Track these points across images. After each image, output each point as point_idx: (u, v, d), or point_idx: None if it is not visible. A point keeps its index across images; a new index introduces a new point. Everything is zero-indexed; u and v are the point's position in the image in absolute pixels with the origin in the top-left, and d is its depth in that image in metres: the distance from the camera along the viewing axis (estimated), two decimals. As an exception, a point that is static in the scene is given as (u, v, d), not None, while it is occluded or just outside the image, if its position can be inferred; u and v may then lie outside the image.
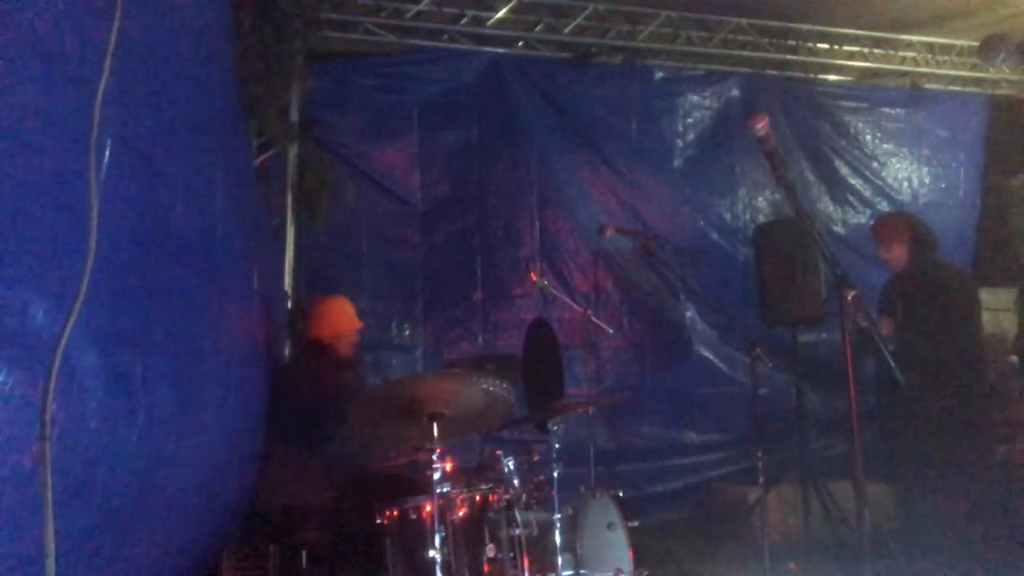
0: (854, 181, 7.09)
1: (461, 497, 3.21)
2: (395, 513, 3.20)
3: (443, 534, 2.96)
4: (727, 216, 6.80)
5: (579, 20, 6.19)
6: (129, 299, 2.00)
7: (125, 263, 1.96)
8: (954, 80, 7.27)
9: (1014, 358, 5.64)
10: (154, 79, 2.20)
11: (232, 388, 3.23)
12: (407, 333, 6.04)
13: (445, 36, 6.15)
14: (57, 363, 1.49)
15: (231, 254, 3.25)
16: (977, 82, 7.37)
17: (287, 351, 5.55)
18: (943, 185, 7.29)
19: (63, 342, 1.51)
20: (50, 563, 1.46)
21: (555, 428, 3.55)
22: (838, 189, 7.06)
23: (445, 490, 3.09)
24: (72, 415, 1.65)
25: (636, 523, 3.71)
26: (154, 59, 2.19)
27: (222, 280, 3.07)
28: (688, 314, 6.60)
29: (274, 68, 4.68)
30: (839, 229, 6.96)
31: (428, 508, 3.03)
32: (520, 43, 6.36)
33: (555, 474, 3.42)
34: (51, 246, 1.58)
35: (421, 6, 5.89)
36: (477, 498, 3.25)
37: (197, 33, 2.74)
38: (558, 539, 3.34)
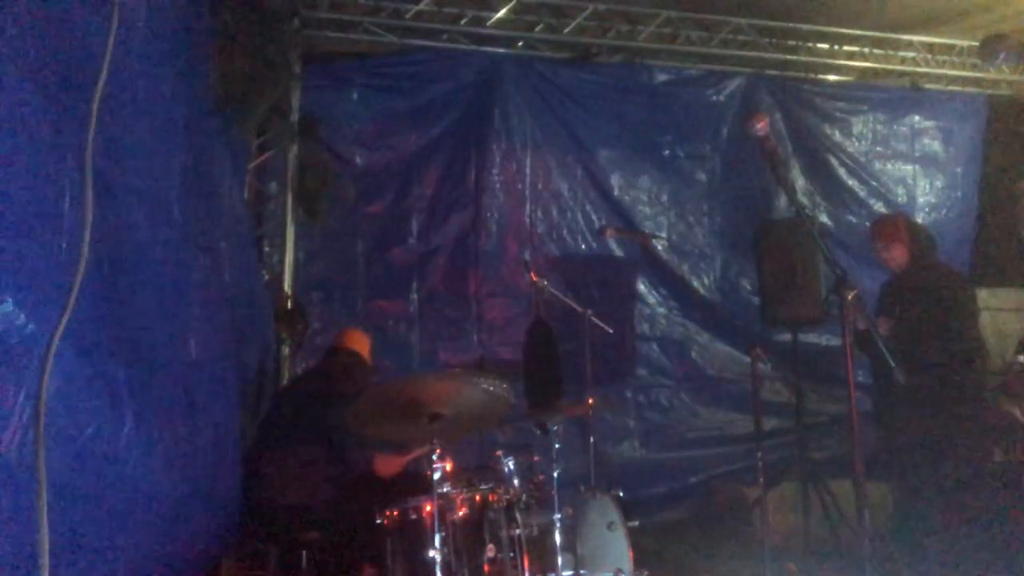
0: (851, 182, 7.08)
1: (461, 497, 3.21)
2: (395, 513, 3.20)
3: (443, 534, 2.96)
4: (726, 216, 6.79)
5: (579, 20, 6.18)
6: (109, 309, 2.01)
7: (102, 274, 1.96)
8: (954, 80, 7.26)
9: (1022, 358, 5.64)
10: (115, 91, 2.17)
11: (217, 392, 3.25)
12: (403, 333, 6.04)
13: (445, 36, 6.14)
14: (48, 369, 1.49)
15: (200, 260, 3.24)
16: (977, 82, 7.36)
17: (284, 352, 5.55)
18: (942, 185, 7.29)
19: (53, 348, 1.51)
20: (44, 566, 1.45)
21: (555, 428, 3.55)
22: (834, 189, 7.05)
23: (445, 490, 3.09)
24: (60, 422, 1.65)
25: (636, 523, 3.71)
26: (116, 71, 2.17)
27: (190, 287, 3.05)
28: (682, 315, 6.60)
29: (263, 68, 4.66)
30: (835, 230, 6.95)
31: (428, 508, 3.03)
32: (520, 43, 6.35)
33: (555, 474, 3.42)
34: (34, 258, 1.58)
35: (421, 6, 5.89)
36: (477, 498, 3.25)
37: (157, 37, 2.71)
38: (558, 539, 3.34)
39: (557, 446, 3.49)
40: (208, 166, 3.70)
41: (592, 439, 4.53)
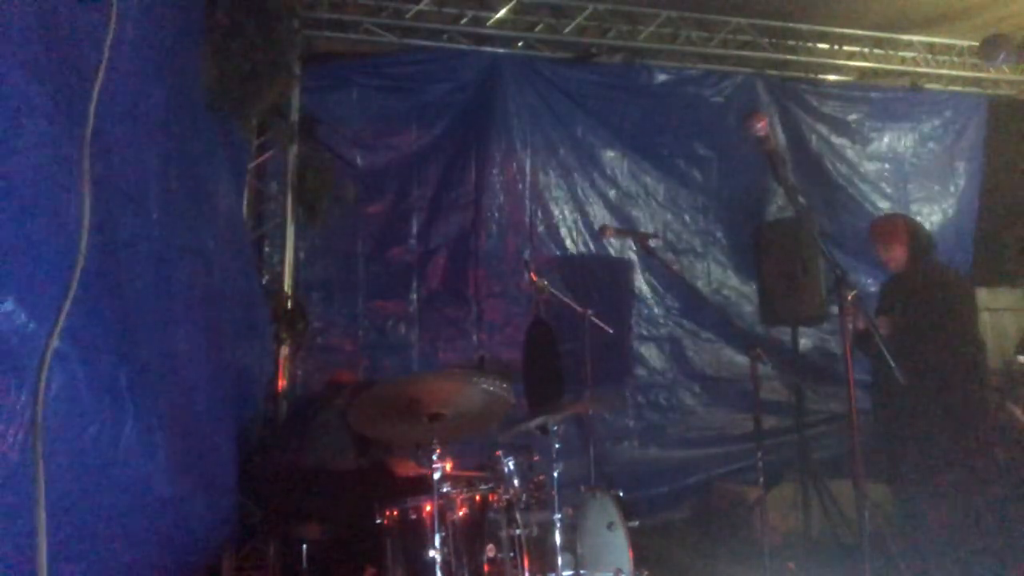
0: (850, 182, 7.08)
1: (461, 497, 3.21)
2: (395, 513, 3.20)
3: (443, 534, 2.96)
4: (726, 216, 6.80)
5: (579, 20, 6.18)
6: (109, 308, 2.01)
7: (101, 273, 1.96)
8: (954, 80, 7.27)
9: (1022, 358, 5.65)
10: (105, 91, 2.16)
11: (210, 392, 3.25)
12: (403, 333, 6.04)
13: (445, 36, 6.14)
14: (45, 369, 1.49)
15: (184, 261, 3.23)
16: (977, 82, 7.37)
17: (284, 352, 5.55)
18: (942, 185, 7.29)
19: (50, 348, 1.51)
20: (42, 566, 1.45)
21: (555, 428, 3.55)
22: (833, 189, 7.05)
23: (445, 490, 3.09)
24: (62, 422, 1.65)
25: (636, 523, 3.71)
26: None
27: (174, 288, 3.05)
28: (681, 314, 6.61)
29: (261, 68, 4.66)
30: (833, 230, 6.94)
31: (428, 508, 3.03)
32: (520, 43, 6.35)
33: (555, 474, 3.42)
34: (36, 257, 1.58)
35: (421, 6, 5.89)
36: (477, 498, 3.26)
37: (144, 35, 2.69)
38: (558, 539, 3.34)
39: (557, 446, 3.49)
40: (195, 166, 3.69)
41: (592, 439, 4.53)
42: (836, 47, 6.84)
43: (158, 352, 2.62)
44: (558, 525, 3.35)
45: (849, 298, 2.71)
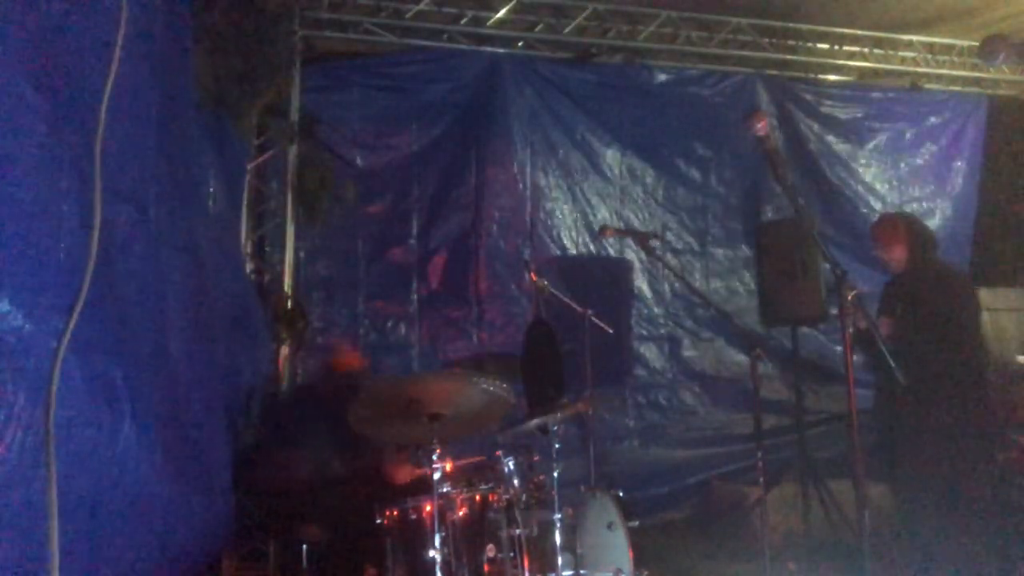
0: (849, 182, 7.08)
1: (461, 497, 3.21)
2: (395, 513, 3.20)
3: (443, 534, 2.96)
4: (725, 216, 6.80)
5: (579, 20, 6.18)
6: (105, 309, 2.00)
7: (97, 274, 1.95)
8: (954, 80, 7.27)
9: (1022, 358, 5.64)
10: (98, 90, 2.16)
11: (204, 392, 3.25)
12: (403, 333, 6.04)
13: (445, 36, 6.14)
14: (57, 372, 1.49)
15: (177, 261, 3.23)
16: (977, 82, 7.37)
17: (284, 352, 5.55)
18: (941, 185, 7.29)
19: (61, 351, 1.51)
20: (54, 567, 1.45)
21: (555, 428, 3.54)
22: (832, 190, 7.05)
23: (445, 490, 3.09)
24: (59, 423, 1.65)
25: (636, 523, 3.71)
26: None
27: (169, 288, 3.04)
28: (681, 314, 6.60)
29: (258, 68, 4.65)
30: (830, 230, 6.94)
31: (428, 508, 3.03)
32: (520, 43, 6.35)
33: (555, 474, 3.42)
34: (32, 258, 1.58)
35: (421, 6, 5.89)
36: (477, 498, 3.26)
37: (135, 35, 2.68)
38: (558, 539, 3.34)
39: (557, 446, 3.49)
40: (189, 166, 3.68)
41: (592, 439, 4.53)
42: (836, 47, 6.84)
43: (153, 352, 2.62)
44: (558, 525, 3.34)
45: (849, 298, 2.70)
